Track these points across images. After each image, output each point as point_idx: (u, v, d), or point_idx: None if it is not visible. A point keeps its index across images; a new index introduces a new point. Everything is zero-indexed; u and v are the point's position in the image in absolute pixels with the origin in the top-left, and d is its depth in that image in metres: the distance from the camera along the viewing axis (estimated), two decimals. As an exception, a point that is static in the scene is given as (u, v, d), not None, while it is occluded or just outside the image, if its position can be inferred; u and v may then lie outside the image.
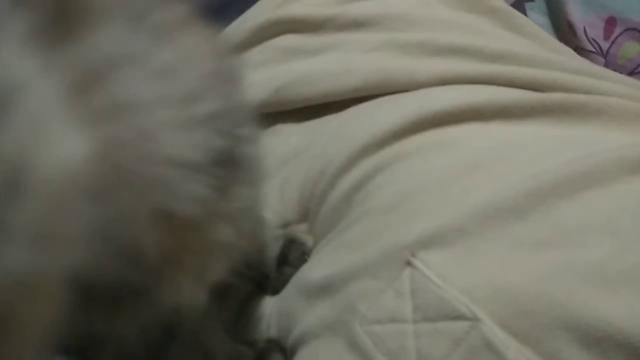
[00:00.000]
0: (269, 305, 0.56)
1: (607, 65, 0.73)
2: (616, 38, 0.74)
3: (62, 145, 0.23)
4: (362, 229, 0.48)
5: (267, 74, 0.71)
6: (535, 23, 0.74)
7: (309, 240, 0.59)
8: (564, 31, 0.76)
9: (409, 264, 0.43)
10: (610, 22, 0.74)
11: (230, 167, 0.32)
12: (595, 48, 0.74)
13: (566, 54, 0.71)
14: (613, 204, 0.39)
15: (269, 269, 0.59)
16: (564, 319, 0.36)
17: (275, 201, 0.61)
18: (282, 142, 0.67)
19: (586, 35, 0.74)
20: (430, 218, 0.44)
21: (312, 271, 0.52)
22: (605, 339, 0.34)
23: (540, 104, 0.52)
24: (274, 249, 0.59)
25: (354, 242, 0.48)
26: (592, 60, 0.73)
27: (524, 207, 0.41)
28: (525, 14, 0.77)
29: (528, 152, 0.48)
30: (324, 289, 0.48)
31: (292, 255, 0.58)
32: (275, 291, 0.57)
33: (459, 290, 0.39)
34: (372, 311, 0.43)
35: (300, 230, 0.60)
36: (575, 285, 0.36)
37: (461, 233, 0.42)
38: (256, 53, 0.75)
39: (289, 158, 0.63)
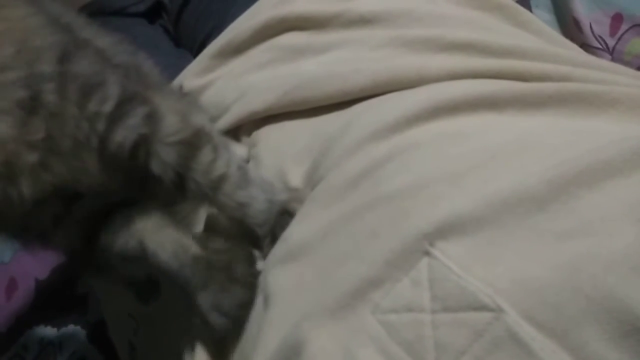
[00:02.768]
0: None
1: (613, 61, 0.73)
2: (622, 35, 0.73)
3: None
4: (376, 215, 0.47)
5: (274, 75, 0.71)
6: (541, 20, 0.73)
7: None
8: (570, 28, 0.76)
9: (427, 253, 0.42)
10: (617, 19, 0.74)
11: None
12: (601, 45, 0.74)
13: (573, 50, 0.70)
14: (635, 192, 0.39)
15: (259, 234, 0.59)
16: (590, 311, 0.35)
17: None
18: (290, 140, 0.66)
19: (592, 32, 0.74)
20: (449, 208, 0.43)
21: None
22: (634, 332, 0.33)
23: (556, 93, 0.52)
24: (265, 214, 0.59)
25: (369, 229, 0.47)
26: (598, 57, 0.73)
27: (545, 196, 0.40)
28: (531, 11, 0.78)
29: (546, 144, 0.47)
30: None
31: (280, 230, 0.58)
32: None
33: (481, 281, 0.39)
34: (387, 300, 0.42)
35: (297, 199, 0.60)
36: (601, 276, 0.35)
37: (481, 223, 0.41)
38: (261, 52, 0.75)
39: (298, 155, 0.63)
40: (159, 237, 0.55)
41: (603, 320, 0.34)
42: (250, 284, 0.54)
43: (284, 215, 0.59)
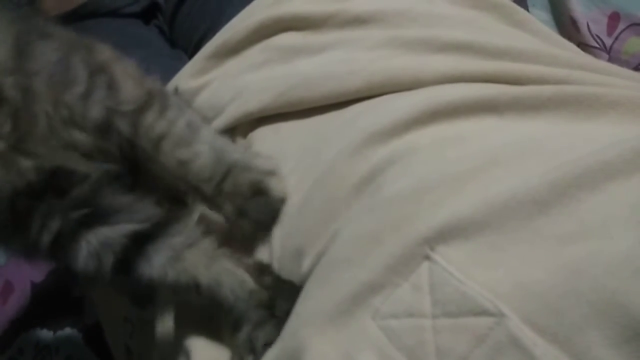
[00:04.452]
0: None
1: (610, 61, 0.73)
2: (620, 34, 0.73)
3: None
4: (376, 220, 0.47)
5: (269, 76, 0.70)
6: (538, 19, 0.73)
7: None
8: (567, 27, 0.76)
9: (427, 257, 0.41)
10: (614, 18, 0.74)
11: None
12: (598, 44, 0.74)
13: (570, 50, 0.70)
14: (636, 193, 0.38)
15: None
16: (592, 316, 0.35)
17: None
18: (284, 141, 0.66)
19: (590, 31, 0.74)
20: (449, 212, 0.42)
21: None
22: (636, 337, 0.33)
23: (555, 95, 0.52)
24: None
25: (369, 234, 0.46)
26: (595, 56, 0.73)
27: (546, 199, 0.40)
28: (528, 10, 0.77)
29: (546, 147, 0.47)
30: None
31: (253, 208, 0.56)
32: None
33: (482, 286, 0.38)
34: (387, 305, 0.42)
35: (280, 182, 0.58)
36: (602, 280, 0.35)
37: (482, 227, 0.41)
38: (257, 52, 0.74)
39: (294, 157, 0.62)
40: (214, 272, 0.54)
41: (605, 326, 0.34)
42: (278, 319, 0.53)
43: (258, 196, 0.57)
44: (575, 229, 0.38)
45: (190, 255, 0.54)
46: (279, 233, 0.57)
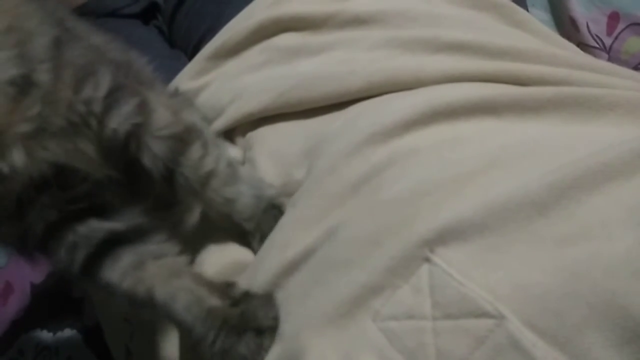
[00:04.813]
0: None
1: (610, 60, 0.73)
2: (619, 34, 0.73)
3: None
4: (376, 222, 0.47)
5: (269, 77, 0.70)
6: (538, 19, 0.73)
7: None
8: (567, 27, 0.76)
9: (427, 259, 0.41)
10: (613, 18, 0.74)
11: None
12: (598, 44, 0.74)
13: (570, 50, 0.70)
14: (635, 195, 0.38)
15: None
16: (592, 318, 0.35)
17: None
18: (284, 141, 0.66)
19: (589, 31, 0.74)
20: (449, 214, 0.42)
21: None
22: (636, 339, 0.33)
23: (555, 97, 0.51)
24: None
25: (369, 236, 0.46)
26: (595, 56, 0.73)
27: (545, 201, 0.40)
28: (527, 10, 0.77)
29: (546, 148, 0.47)
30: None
31: (268, 227, 0.57)
32: None
33: (482, 288, 0.38)
34: (387, 307, 0.42)
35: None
36: (601, 282, 0.35)
37: (482, 229, 0.41)
38: (257, 53, 0.74)
39: (297, 159, 0.62)
40: (171, 287, 0.52)
41: (605, 328, 0.34)
42: (270, 332, 0.50)
43: (272, 210, 0.59)
44: (574, 230, 0.38)
45: (152, 266, 0.53)
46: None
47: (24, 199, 0.50)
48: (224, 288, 0.53)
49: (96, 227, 0.53)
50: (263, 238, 0.58)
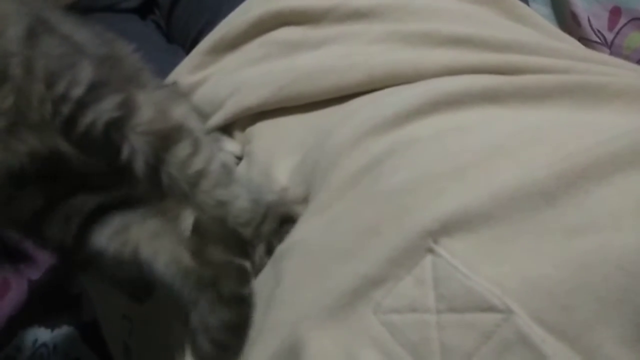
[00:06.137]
0: None
1: (612, 56, 0.73)
2: (621, 29, 0.73)
3: None
4: (377, 212, 0.46)
5: (268, 71, 0.70)
6: (538, 14, 0.73)
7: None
8: (568, 22, 0.76)
9: (430, 251, 0.40)
10: (615, 12, 0.74)
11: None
12: (600, 39, 0.74)
13: (571, 45, 0.70)
14: None
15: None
16: (603, 313, 0.34)
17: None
18: (284, 136, 0.65)
19: (591, 26, 0.74)
20: (453, 204, 0.42)
21: None
22: None
23: (560, 84, 0.51)
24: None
25: (370, 226, 0.46)
26: (597, 51, 0.73)
27: (554, 191, 0.39)
28: (528, 4, 0.77)
29: (552, 136, 0.46)
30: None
31: (279, 237, 0.56)
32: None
33: (489, 281, 0.37)
34: (389, 299, 0.41)
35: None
36: (613, 276, 0.34)
37: (487, 219, 0.40)
38: (256, 47, 0.74)
39: (288, 150, 0.62)
40: (154, 246, 0.53)
41: (617, 323, 0.33)
42: (238, 304, 0.51)
43: (287, 223, 0.56)
44: (583, 221, 0.37)
45: (136, 229, 0.54)
46: None
47: (5, 191, 0.50)
48: (201, 247, 0.54)
49: (87, 199, 0.53)
50: (270, 250, 0.55)
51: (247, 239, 0.57)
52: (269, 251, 0.55)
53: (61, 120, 0.50)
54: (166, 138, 0.54)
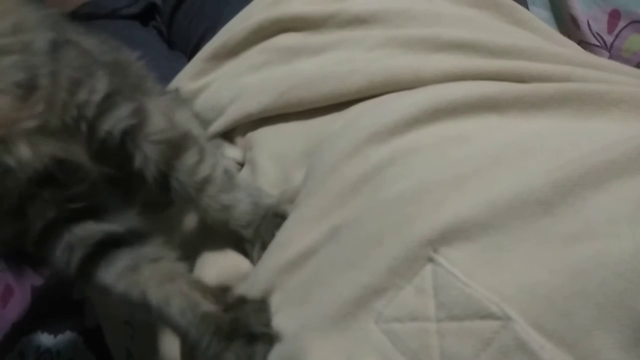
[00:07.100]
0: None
1: (611, 59, 0.73)
2: (620, 31, 0.73)
3: None
4: (377, 221, 0.47)
5: (269, 77, 0.70)
6: (538, 17, 0.73)
7: None
8: (567, 25, 0.76)
9: (430, 260, 0.41)
10: (614, 15, 0.74)
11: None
12: (599, 42, 0.74)
13: (571, 48, 0.70)
14: None
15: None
16: (601, 319, 0.34)
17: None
18: (285, 142, 0.65)
19: (590, 29, 0.74)
20: (452, 213, 0.42)
21: None
22: None
23: (558, 93, 0.51)
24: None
25: (371, 236, 0.46)
26: (596, 54, 0.73)
27: (551, 199, 0.39)
28: (528, 8, 0.77)
29: (550, 145, 0.46)
30: None
31: (269, 235, 0.57)
32: None
33: (487, 288, 0.38)
34: (390, 308, 0.41)
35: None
36: (610, 282, 0.35)
37: (486, 228, 0.40)
38: (257, 53, 0.74)
39: (298, 161, 0.62)
40: (165, 291, 0.52)
41: (614, 329, 0.34)
42: (265, 342, 0.49)
43: (275, 219, 0.59)
44: (580, 228, 0.38)
45: (147, 270, 0.53)
46: None
47: (26, 194, 0.50)
48: (219, 293, 0.53)
49: (93, 229, 0.53)
50: (264, 246, 0.58)
51: (247, 239, 0.60)
52: (264, 247, 0.58)
53: (85, 123, 0.52)
54: (177, 146, 0.57)
